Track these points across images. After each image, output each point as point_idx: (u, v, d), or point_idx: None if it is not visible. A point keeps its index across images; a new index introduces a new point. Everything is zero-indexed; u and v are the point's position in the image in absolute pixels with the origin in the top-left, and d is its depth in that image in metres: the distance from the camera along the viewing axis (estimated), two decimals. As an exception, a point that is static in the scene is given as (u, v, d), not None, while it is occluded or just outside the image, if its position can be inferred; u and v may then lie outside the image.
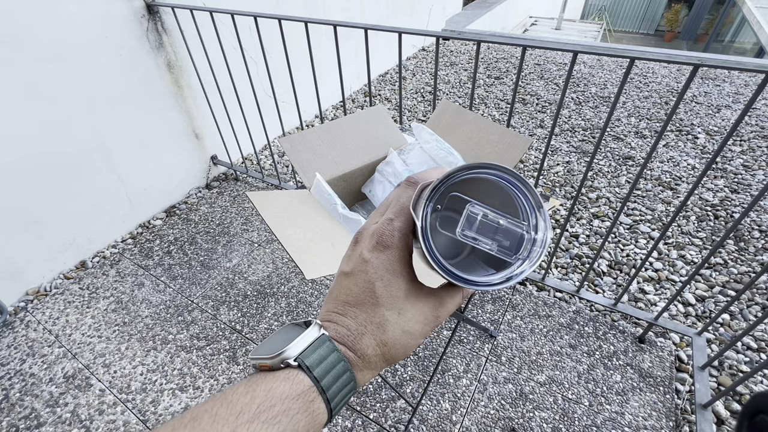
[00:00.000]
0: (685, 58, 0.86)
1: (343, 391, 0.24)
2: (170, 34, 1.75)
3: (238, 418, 0.20)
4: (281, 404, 0.21)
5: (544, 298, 1.50)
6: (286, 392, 0.22)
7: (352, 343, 0.25)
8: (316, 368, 0.23)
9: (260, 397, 0.21)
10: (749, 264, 1.68)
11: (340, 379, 0.23)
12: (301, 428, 0.21)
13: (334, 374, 0.23)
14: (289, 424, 0.21)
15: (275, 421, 0.20)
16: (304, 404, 0.22)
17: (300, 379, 0.23)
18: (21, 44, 1.30)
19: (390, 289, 0.26)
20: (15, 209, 1.43)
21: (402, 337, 0.25)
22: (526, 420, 1.14)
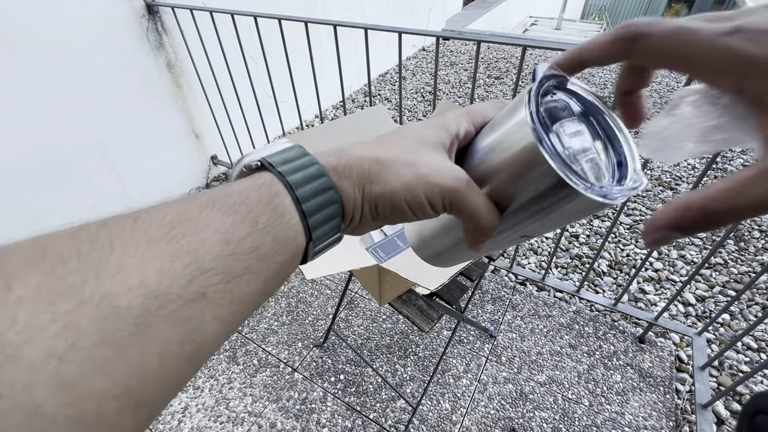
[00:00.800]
0: (686, 58, 0.86)
1: (319, 197, 0.19)
2: (170, 34, 1.75)
3: (189, 203, 0.17)
4: (238, 195, 0.18)
5: (544, 298, 1.50)
6: (245, 184, 0.19)
7: (339, 152, 0.21)
8: (281, 165, 0.19)
9: (216, 189, 0.18)
10: (749, 264, 1.68)
11: (314, 181, 0.19)
12: (263, 222, 0.17)
13: (306, 175, 0.19)
14: (248, 215, 0.17)
15: (231, 210, 0.17)
16: (265, 196, 0.18)
17: (261, 174, 0.19)
18: (21, 44, 1.30)
19: (417, 131, 0.23)
20: (15, 209, 1.43)
21: (400, 166, 0.21)
22: (526, 420, 1.14)
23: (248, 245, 0.17)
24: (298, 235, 0.19)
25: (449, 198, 0.21)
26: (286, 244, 0.18)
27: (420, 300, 0.93)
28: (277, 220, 0.18)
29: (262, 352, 1.33)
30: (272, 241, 0.18)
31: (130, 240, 0.14)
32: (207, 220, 0.16)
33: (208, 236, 0.16)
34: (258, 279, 0.17)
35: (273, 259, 0.18)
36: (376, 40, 3.24)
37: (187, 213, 0.16)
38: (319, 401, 1.19)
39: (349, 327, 1.40)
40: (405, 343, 1.35)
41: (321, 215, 0.20)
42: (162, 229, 0.15)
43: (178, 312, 0.14)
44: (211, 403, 1.19)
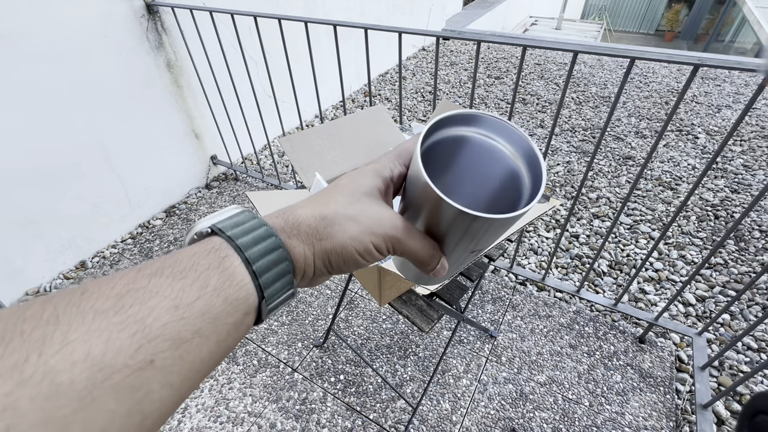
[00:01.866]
0: (686, 58, 0.86)
1: (269, 256, 0.20)
2: (170, 34, 1.75)
3: (138, 273, 0.17)
4: (187, 260, 0.18)
5: (545, 298, 1.50)
6: (194, 250, 0.19)
7: (285, 213, 0.23)
8: (231, 230, 0.20)
9: (164, 257, 0.18)
10: (749, 264, 1.68)
11: (263, 242, 0.20)
12: (213, 284, 0.18)
13: (255, 237, 0.20)
14: (197, 279, 0.17)
15: (180, 275, 0.17)
16: (215, 260, 0.18)
17: (211, 239, 0.20)
18: (20, 44, 1.30)
19: (353, 182, 0.24)
20: (14, 209, 1.43)
21: (344, 221, 0.22)
22: (527, 420, 1.14)
23: (198, 308, 0.17)
24: (250, 295, 0.19)
25: (391, 243, 0.23)
26: (237, 304, 0.19)
27: (420, 300, 0.93)
28: (227, 281, 0.18)
29: (262, 352, 1.33)
30: (223, 303, 0.18)
31: (77, 314, 0.14)
32: (156, 288, 0.16)
33: (156, 303, 0.16)
34: (209, 342, 0.17)
35: (224, 320, 0.18)
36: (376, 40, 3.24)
37: (135, 282, 0.16)
38: (319, 401, 1.19)
39: (349, 327, 1.40)
40: (405, 343, 1.35)
41: (272, 273, 0.20)
42: (110, 301, 0.15)
43: (125, 382, 0.14)
44: (210, 403, 1.19)
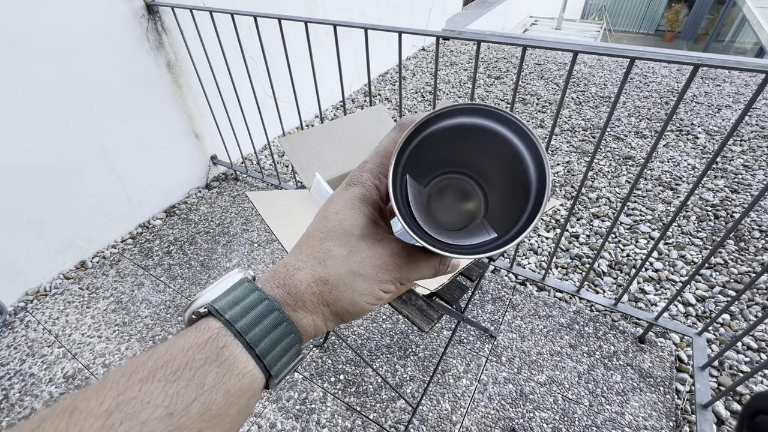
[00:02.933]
0: (686, 58, 0.86)
1: (273, 334, 0.19)
2: (170, 34, 1.75)
3: (129, 379, 0.16)
4: (182, 357, 0.17)
5: (545, 298, 1.50)
6: (189, 343, 0.18)
7: (284, 279, 0.21)
8: (229, 311, 0.19)
9: (159, 353, 0.17)
10: (749, 264, 1.68)
11: (265, 320, 0.19)
12: (210, 382, 0.17)
13: (256, 315, 0.19)
14: (193, 378, 0.16)
15: (174, 377, 0.16)
16: (212, 352, 0.17)
17: (208, 325, 0.19)
18: (20, 44, 1.30)
19: (343, 224, 0.22)
20: (14, 209, 1.43)
21: (349, 279, 0.21)
22: (527, 420, 1.14)
23: (195, 410, 0.16)
24: (255, 380, 0.19)
25: (399, 281, 0.23)
26: (240, 394, 0.18)
27: (420, 300, 0.93)
28: (226, 374, 0.17)
29: (262, 352, 1.33)
30: (224, 397, 0.17)
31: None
32: (147, 397, 0.16)
33: (149, 414, 0.15)
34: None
35: (226, 412, 0.17)
36: (376, 40, 3.24)
37: (126, 393, 0.16)
38: (319, 401, 1.19)
39: (349, 327, 1.40)
40: (405, 343, 1.35)
41: (277, 350, 0.19)
42: (99, 421, 0.15)
43: None
44: (211, 403, 1.19)
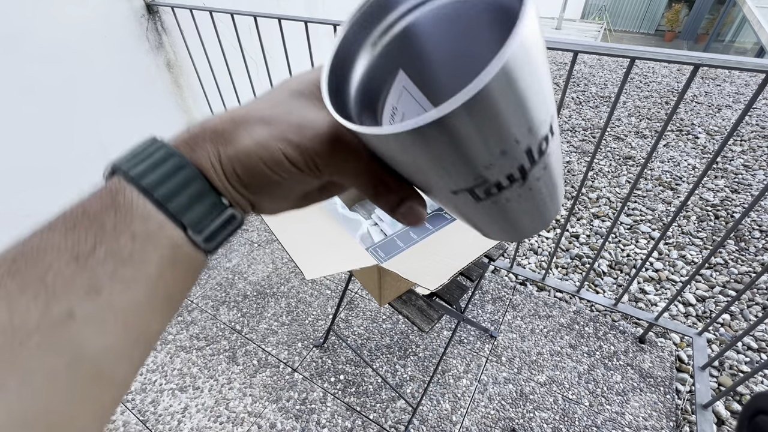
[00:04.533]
0: (686, 58, 0.86)
1: (173, 179, 0.17)
2: (170, 34, 1.75)
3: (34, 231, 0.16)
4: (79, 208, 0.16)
5: (545, 298, 1.50)
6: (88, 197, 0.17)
7: (196, 124, 0.19)
8: (126, 163, 0.17)
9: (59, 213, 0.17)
10: (750, 264, 1.68)
11: (162, 165, 0.17)
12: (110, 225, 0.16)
13: (152, 162, 0.17)
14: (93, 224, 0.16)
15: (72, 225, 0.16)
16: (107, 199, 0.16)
17: (110, 181, 0.17)
18: (18, 44, 1.30)
19: (294, 79, 0.20)
20: (14, 208, 1.43)
21: (255, 125, 0.18)
22: (527, 420, 1.13)
23: (101, 255, 0.15)
24: (164, 225, 0.17)
25: (311, 158, 0.18)
26: (153, 238, 0.16)
27: (420, 300, 0.93)
28: (126, 217, 0.16)
29: (262, 352, 1.33)
30: (131, 241, 0.16)
31: None
32: (49, 244, 0.15)
33: (52, 259, 0.15)
34: (137, 285, 0.16)
35: (144, 258, 0.16)
36: (376, 40, 3.24)
37: (28, 243, 0.15)
38: (319, 401, 1.19)
39: (349, 327, 1.40)
40: (405, 343, 1.35)
41: (183, 197, 0.17)
42: (3, 266, 0.15)
43: (47, 341, 0.14)
44: (210, 403, 1.19)
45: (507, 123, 0.13)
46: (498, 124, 0.13)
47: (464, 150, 0.14)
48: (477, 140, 0.13)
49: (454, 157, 0.14)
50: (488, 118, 0.13)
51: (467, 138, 0.13)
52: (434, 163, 0.14)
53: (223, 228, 0.19)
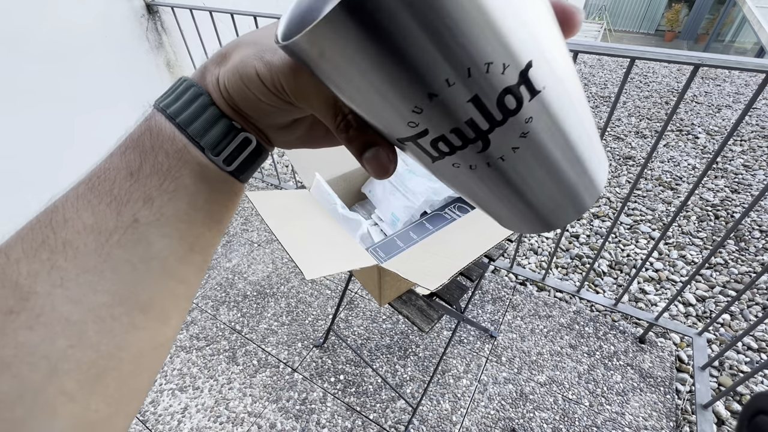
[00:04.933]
0: (686, 58, 0.86)
1: (184, 97, 0.20)
2: (170, 34, 1.75)
3: (103, 158, 0.20)
4: (126, 136, 0.20)
5: (545, 298, 1.50)
6: (133, 127, 0.20)
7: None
8: (159, 98, 0.21)
9: (116, 141, 0.20)
10: (750, 264, 1.67)
11: (177, 90, 0.20)
12: (148, 145, 0.19)
13: (174, 90, 0.20)
14: (136, 146, 0.19)
15: (123, 149, 0.19)
16: (144, 125, 0.20)
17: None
18: (20, 44, 1.30)
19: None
20: (14, 208, 1.43)
21: (246, 46, 0.19)
22: (527, 420, 1.13)
23: (147, 170, 0.19)
24: (188, 146, 0.19)
25: (278, 78, 0.18)
26: (181, 156, 0.19)
27: (420, 300, 0.93)
28: (159, 138, 0.19)
29: (262, 352, 1.33)
30: (166, 158, 0.19)
31: (67, 199, 0.18)
32: (112, 165, 0.19)
33: (115, 175, 0.18)
34: (179, 195, 0.19)
35: (179, 174, 0.19)
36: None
37: (99, 167, 0.19)
38: (319, 401, 1.19)
39: (349, 327, 1.40)
40: (405, 343, 1.35)
41: (200, 122, 0.19)
42: (84, 185, 0.19)
43: (124, 239, 0.18)
44: (210, 403, 1.19)
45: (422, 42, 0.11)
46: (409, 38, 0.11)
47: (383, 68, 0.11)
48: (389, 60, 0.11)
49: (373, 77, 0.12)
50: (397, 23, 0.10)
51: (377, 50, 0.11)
52: (362, 85, 0.13)
53: (241, 151, 0.21)
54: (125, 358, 0.18)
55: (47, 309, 0.16)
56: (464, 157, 0.14)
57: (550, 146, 0.14)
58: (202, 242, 0.20)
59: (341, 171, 0.95)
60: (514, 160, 0.14)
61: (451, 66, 0.11)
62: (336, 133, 0.19)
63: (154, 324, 0.19)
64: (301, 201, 0.84)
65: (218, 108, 0.20)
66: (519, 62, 0.12)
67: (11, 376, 0.15)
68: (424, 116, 0.13)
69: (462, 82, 0.11)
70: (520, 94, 0.12)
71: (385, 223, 0.96)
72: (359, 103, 0.14)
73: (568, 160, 0.15)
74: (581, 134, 0.15)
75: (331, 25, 0.11)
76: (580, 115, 0.14)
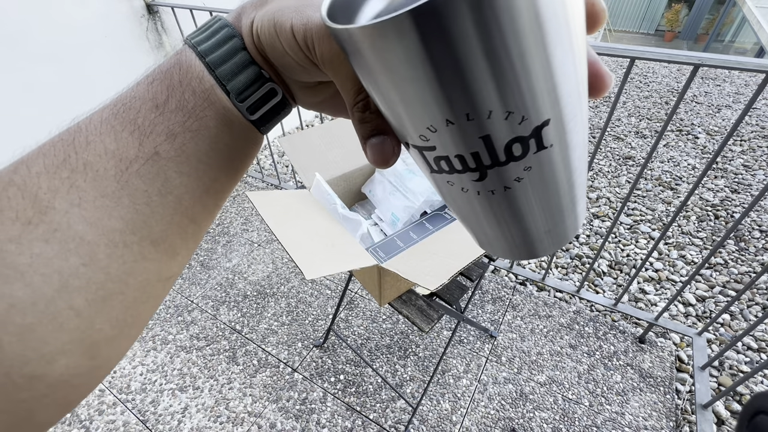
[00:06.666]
0: (686, 58, 0.86)
1: (215, 37, 0.19)
2: (170, 34, 1.75)
3: (129, 86, 0.19)
4: (155, 68, 0.19)
5: (545, 298, 1.50)
6: (163, 61, 0.20)
7: None
8: (192, 34, 0.20)
9: (143, 73, 0.20)
10: (749, 264, 1.68)
11: (209, 29, 0.20)
12: (176, 79, 0.19)
13: (206, 28, 0.20)
14: (164, 79, 0.19)
15: (150, 81, 0.19)
16: (174, 60, 0.19)
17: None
18: (20, 44, 1.30)
19: None
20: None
21: None
22: (527, 420, 1.14)
23: (173, 105, 0.18)
24: (214, 88, 0.19)
25: (311, 38, 0.17)
26: (207, 97, 0.19)
27: (420, 300, 0.93)
28: (188, 74, 0.19)
29: (262, 352, 1.33)
30: (192, 96, 0.19)
31: (91, 121, 0.18)
32: (137, 94, 0.19)
33: (140, 105, 0.18)
34: (201, 135, 0.19)
35: (203, 114, 0.19)
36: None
37: (124, 95, 0.19)
38: (319, 401, 1.19)
39: (349, 327, 1.40)
40: (405, 343, 1.35)
41: (229, 65, 0.19)
42: (109, 110, 0.18)
43: (143, 169, 0.18)
44: (210, 403, 1.19)
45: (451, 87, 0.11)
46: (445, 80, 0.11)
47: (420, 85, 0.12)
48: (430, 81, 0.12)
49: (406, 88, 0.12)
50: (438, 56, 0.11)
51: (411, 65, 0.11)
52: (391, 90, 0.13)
53: (265, 102, 0.20)
54: (132, 285, 0.18)
55: (63, 226, 0.16)
56: (460, 180, 0.15)
57: (537, 197, 0.15)
58: (217, 186, 0.21)
59: (341, 171, 0.95)
60: (502, 197, 0.15)
61: (477, 104, 0.12)
62: (351, 110, 0.18)
63: (162, 257, 0.19)
64: (301, 201, 0.84)
65: (249, 53, 0.19)
66: (537, 119, 0.12)
67: (24, 285, 0.15)
68: (437, 136, 0.13)
69: (480, 120, 0.12)
70: (527, 146, 0.13)
71: (385, 223, 0.96)
72: (380, 100, 0.15)
73: (549, 212, 0.16)
74: (567, 196, 0.16)
75: (396, 29, 0.11)
76: (571, 180, 0.16)
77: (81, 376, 0.18)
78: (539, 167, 0.14)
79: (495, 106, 0.12)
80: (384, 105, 0.15)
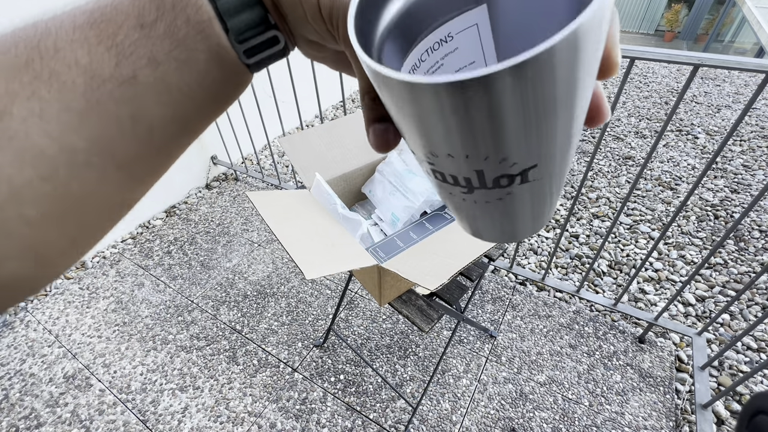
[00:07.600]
0: (685, 58, 0.86)
1: None
2: None
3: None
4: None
5: (544, 298, 1.50)
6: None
7: None
8: None
9: None
10: (749, 264, 1.68)
11: None
12: (170, 2, 0.16)
13: None
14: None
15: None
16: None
17: None
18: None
19: None
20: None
21: None
22: (526, 420, 1.14)
23: (161, 29, 0.16)
24: (213, 21, 0.17)
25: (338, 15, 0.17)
26: (203, 29, 0.17)
27: (420, 300, 0.93)
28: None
29: (262, 352, 1.33)
30: (185, 25, 0.17)
31: (61, 25, 0.16)
32: (120, 6, 0.16)
33: (123, 21, 0.16)
34: (188, 68, 0.17)
35: (194, 47, 0.17)
36: (376, 40, 3.23)
37: (107, 1, 0.16)
38: (319, 401, 1.19)
39: (349, 327, 1.40)
40: (405, 343, 1.35)
41: (234, 0, 0.17)
42: (84, 17, 0.16)
43: (117, 91, 0.16)
44: (211, 403, 1.19)
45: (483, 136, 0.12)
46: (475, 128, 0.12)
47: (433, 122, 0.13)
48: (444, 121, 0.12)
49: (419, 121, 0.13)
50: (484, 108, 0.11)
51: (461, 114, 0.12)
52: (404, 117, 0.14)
53: (264, 48, 0.19)
54: (91, 206, 0.17)
55: (21, 135, 0.15)
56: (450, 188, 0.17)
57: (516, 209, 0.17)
58: (195, 122, 0.19)
59: (341, 171, 0.95)
60: (485, 206, 0.17)
61: (477, 150, 0.13)
62: (362, 94, 0.18)
63: (126, 183, 0.18)
64: (301, 201, 0.84)
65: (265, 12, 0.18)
66: (527, 164, 0.14)
67: None
68: (436, 159, 0.15)
69: (476, 160, 0.14)
70: (513, 180, 0.15)
71: (385, 223, 0.96)
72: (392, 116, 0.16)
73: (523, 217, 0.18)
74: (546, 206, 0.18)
75: (434, 93, 0.11)
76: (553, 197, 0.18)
77: (28, 280, 0.17)
78: (522, 193, 0.16)
79: (492, 153, 0.13)
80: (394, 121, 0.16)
